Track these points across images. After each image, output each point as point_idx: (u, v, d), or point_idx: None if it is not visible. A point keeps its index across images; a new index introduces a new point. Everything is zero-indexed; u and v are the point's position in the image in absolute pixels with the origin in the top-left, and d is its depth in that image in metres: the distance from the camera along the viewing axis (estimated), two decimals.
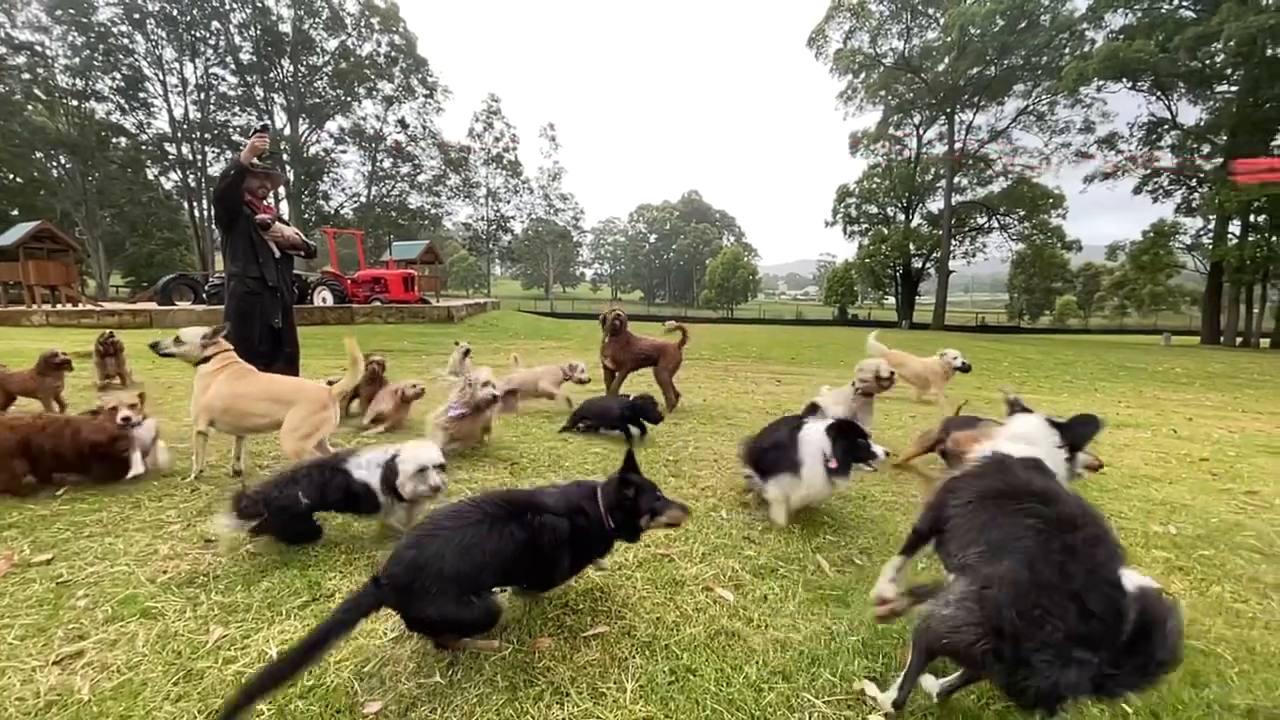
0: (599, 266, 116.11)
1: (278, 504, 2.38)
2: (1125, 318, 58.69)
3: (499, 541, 1.72)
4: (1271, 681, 1.80)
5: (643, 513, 1.98)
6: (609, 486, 1.99)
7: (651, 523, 2.00)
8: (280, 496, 2.40)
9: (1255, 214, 25.47)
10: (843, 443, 2.75)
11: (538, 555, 1.81)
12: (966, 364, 6.74)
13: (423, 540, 1.68)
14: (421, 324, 17.44)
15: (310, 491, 2.44)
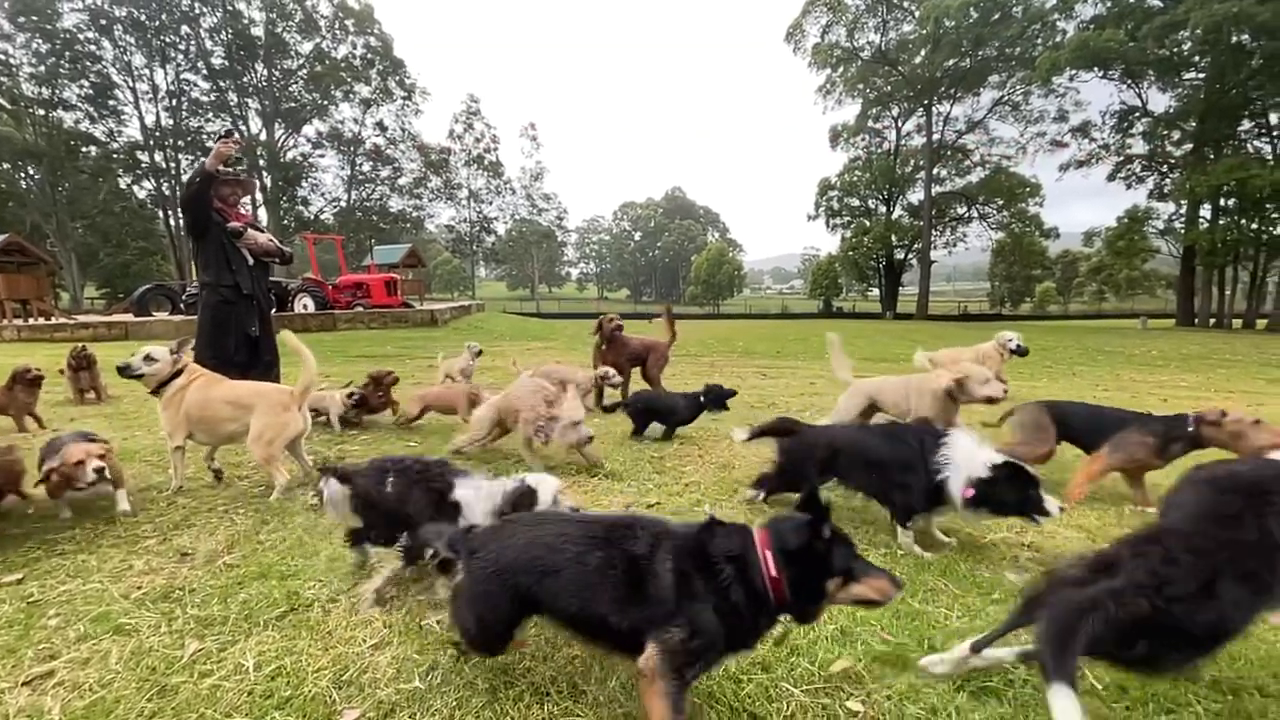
0: (584, 266, 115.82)
1: (362, 487, 2.29)
2: (1103, 303, 59.74)
3: (584, 568, 1.43)
4: (1239, 653, 1.84)
5: (834, 574, 1.39)
6: (785, 531, 1.42)
7: (843, 592, 1.40)
8: (366, 481, 2.29)
9: (1225, 198, 26.05)
10: (1008, 487, 2.23)
11: (636, 607, 1.38)
12: (1023, 347, 6.19)
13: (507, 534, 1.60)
14: (405, 328, 17.29)
15: (399, 486, 2.26)
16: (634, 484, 3.56)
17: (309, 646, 1.81)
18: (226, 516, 2.98)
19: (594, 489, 3.48)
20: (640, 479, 3.67)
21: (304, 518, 2.96)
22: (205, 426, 3.36)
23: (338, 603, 2.10)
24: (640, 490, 3.44)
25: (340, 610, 2.04)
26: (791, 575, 1.37)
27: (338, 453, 4.30)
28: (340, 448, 4.44)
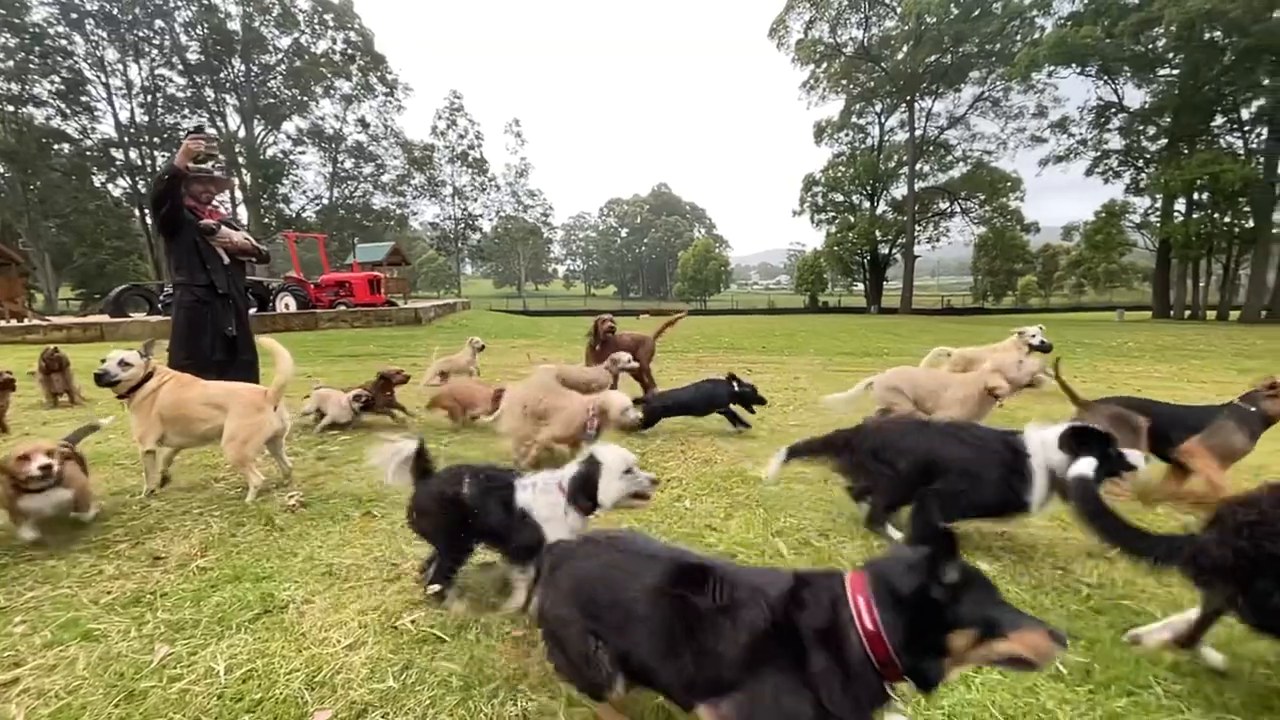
0: (571, 263, 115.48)
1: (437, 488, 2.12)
2: (1083, 295, 60.79)
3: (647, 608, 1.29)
4: None
5: (963, 626, 1.07)
6: (891, 572, 1.12)
7: (979, 650, 1.08)
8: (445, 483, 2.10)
9: (1199, 192, 26.59)
10: (1089, 455, 2.10)
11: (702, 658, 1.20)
12: (1046, 342, 5.94)
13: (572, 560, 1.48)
14: (389, 327, 17.13)
15: (474, 489, 2.06)
16: None
17: (282, 648, 1.80)
18: (201, 519, 2.94)
19: None
20: None
21: (282, 519, 2.93)
22: (179, 428, 3.31)
23: (313, 603, 2.08)
24: None
25: (315, 611, 2.03)
26: (900, 630, 1.06)
27: (318, 453, 4.26)
28: (320, 448, 4.40)
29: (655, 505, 3.13)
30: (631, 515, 2.94)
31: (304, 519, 2.92)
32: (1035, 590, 2.17)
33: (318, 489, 3.42)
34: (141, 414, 3.26)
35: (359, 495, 3.28)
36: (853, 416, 3.86)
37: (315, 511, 3.02)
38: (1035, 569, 2.35)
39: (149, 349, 3.34)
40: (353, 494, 3.31)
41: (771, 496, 3.22)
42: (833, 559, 2.42)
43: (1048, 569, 2.35)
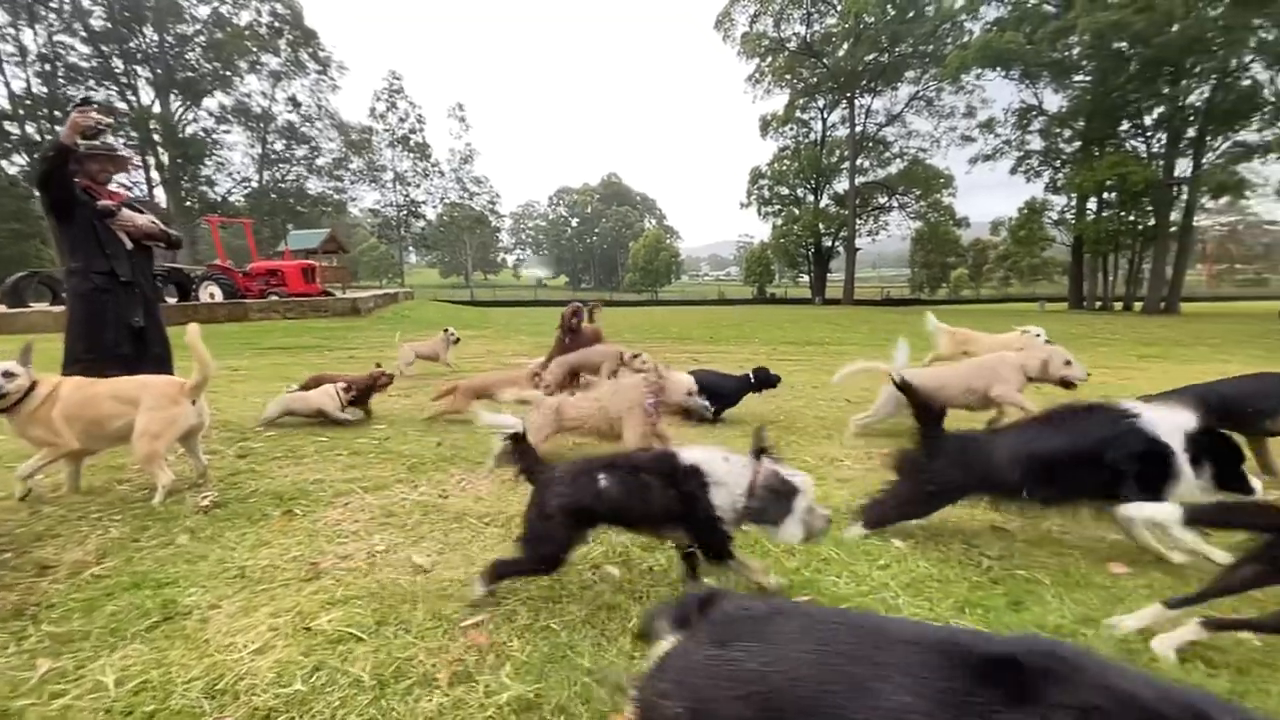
0: (520, 252, 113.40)
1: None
2: (1009, 287, 64.59)
3: None
4: (1079, 599, 2.07)
5: None
6: None
7: None
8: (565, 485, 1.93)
9: (1108, 192, 28.71)
10: (1211, 461, 2.10)
11: None
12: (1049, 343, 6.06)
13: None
14: (325, 318, 16.37)
15: (620, 481, 1.87)
16: None
17: (182, 657, 1.70)
18: (100, 524, 2.73)
19: (509, 476, 3.44)
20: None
21: (193, 520, 2.76)
22: (89, 429, 3.06)
23: (220, 609, 1.98)
24: None
25: (222, 616, 1.93)
26: None
27: (239, 450, 4.03)
28: (242, 444, 4.16)
29: None
30: None
31: (217, 520, 2.76)
32: (942, 564, 2.31)
33: (235, 488, 3.25)
34: (39, 427, 2.98)
35: (281, 493, 3.13)
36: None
37: (231, 512, 2.87)
38: (944, 544, 2.50)
39: (27, 355, 3.04)
40: (274, 492, 3.15)
41: None
42: (758, 543, 2.49)
43: (956, 544, 2.50)
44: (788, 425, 4.87)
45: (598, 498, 1.89)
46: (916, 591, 2.10)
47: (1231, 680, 1.62)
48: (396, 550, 2.45)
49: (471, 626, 1.85)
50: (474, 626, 1.85)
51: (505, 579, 2.00)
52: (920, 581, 2.16)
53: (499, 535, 2.59)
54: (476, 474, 3.53)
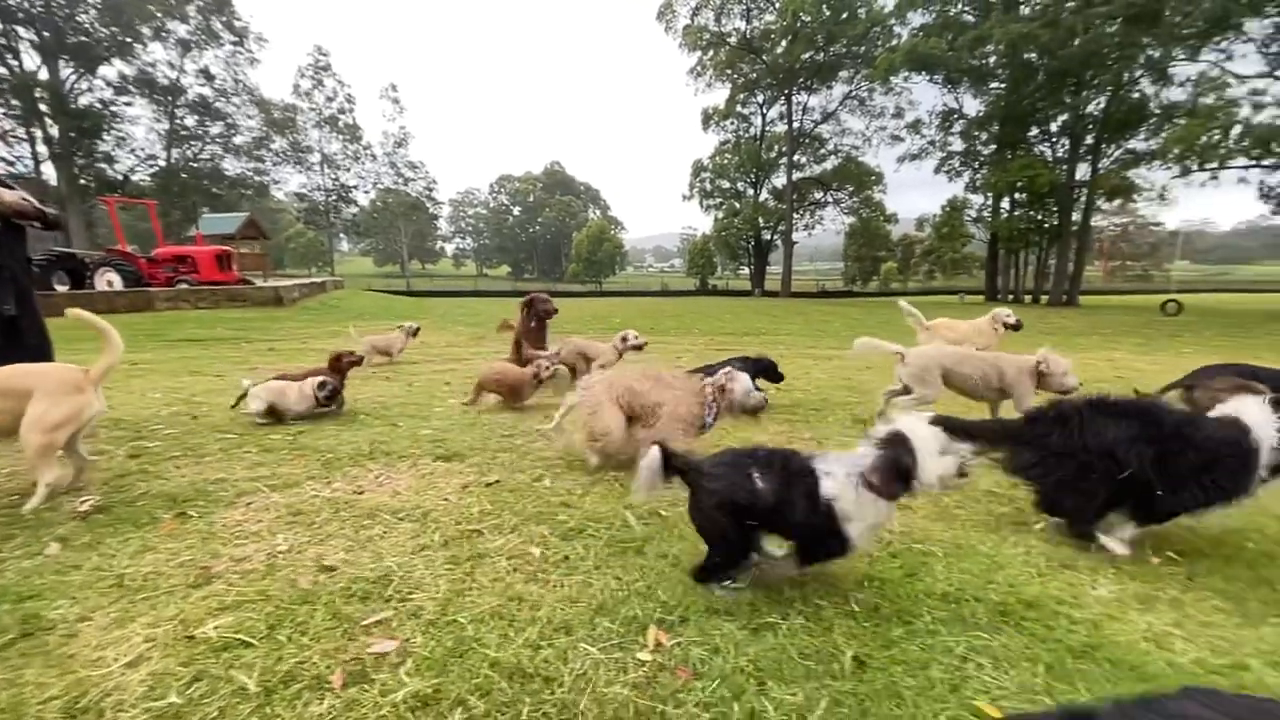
0: (460, 241, 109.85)
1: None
2: (934, 281, 68.43)
3: None
4: (968, 569, 2.22)
5: None
6: None
7: None
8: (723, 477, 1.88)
9: (1019, 192, 30.86)
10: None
11: None
12: (1018, 322, 6.40)
13: None
14: (242, 308, 15.31)
15: (772, 483, 1.84)
16: (476, 463, 3.48)
17: (39, 676, 1.55)
18: None
19: (431, 471, 3.35)
20: (484, 457, 3.60)
21: (67, 528, 2.52)
22: None
23: (91, 621, 1.82)
24: (481, 470, 3.36)
25: (92, 629, 1.77)
26: None
27: (131, 449, 3.71)
28: (136, 443, 3.84)
29: (514, 486, 3.09)
30: (482, 496, 2.89)
31: (97, 526, 2.54)
32: None
33: (122, 491, 2.99)
34: None
35: (175, 495, 2.91)
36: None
37: (114, 517, 2.64)
38: None
39: None
40: (167, 494, 2.93)
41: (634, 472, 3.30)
42: (677, 526, 2.54)
43: None
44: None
45: (753, 496, 1.87)
46: (820, 567, 2.19)
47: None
48: (301, 550, 2.33)
49: (374, 625, 1.79)
50: (376, 625, 1.79)
51: (712, 581, 2.00)
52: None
53: (412, 530, 2.51)
54: (397, 469, 3.41)
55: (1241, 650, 1.71)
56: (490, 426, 4.37)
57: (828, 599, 1.97)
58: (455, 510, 2.73)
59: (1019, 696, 1.52)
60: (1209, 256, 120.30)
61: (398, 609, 1.88)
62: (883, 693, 1.53)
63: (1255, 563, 2.31)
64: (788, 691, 1.52)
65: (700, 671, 1.59)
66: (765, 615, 1.87)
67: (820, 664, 1.63)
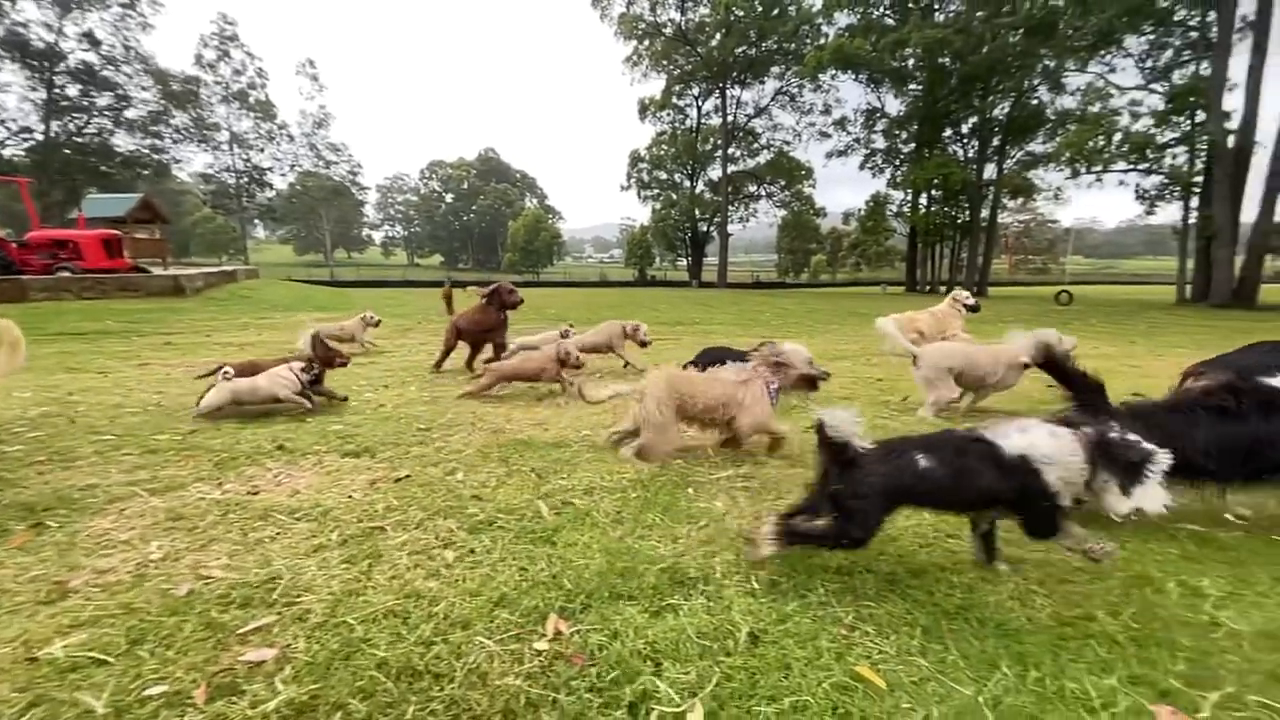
0: (390, 229, 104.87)
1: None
2: (860, 273, 71.82)
3: None
4: None
5: None
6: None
7: None
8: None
9: (935, 189, 32.83)
10: None
11: None
12: (975, 304, 6.88)
13: None
14: (136, 299, 13.97)
15: (941, 462, 1.86)
16: (388, 459, 3.33)
17: None
18: None
19: (338, 468, 3.18)
20: (397, 453, 3.45)
21: None
22: None
23: None
24: (392, 465, 3.22)
25: None
26: None
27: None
28: None
29: (425, 481, 2.98)
30: (389, 492, 2.77)
31: None
32: (755, 520, 2.50)
33: None
34: None
35: (33, 504, 2.61)
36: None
37: None
38: (759, 501, 2.71)
39: None
40: (24, 504, 2.63)
41: (551, 463, 3.27)
42: (590, 515, 2.53)
43: (769, 500, 2.72)
44: None
45: (919, 479, 1.89)
46: (729, 549, 2.25)
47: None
48: (178, 558, 2.15)
49: (252, 633, 1.68)
50: (255, 633, 1.68)
51: (803, 544, 2.01)
52: (732, 540, 2.32)
53: (309, 530, 2.37)
54: (299, 466, 3.22)
55: (1090, 603, 1.89)
56: (406, 420, 4.20)
57: (730, 579, 2.02)
58: (358, 508, 2.61)
59: (896, 659, 1.61)
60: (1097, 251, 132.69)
61: (281, 614, 1.77)
62: (773, 665, 1.58)
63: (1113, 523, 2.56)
64: (681, 671, 1.54)
65: (596, 657, 1.59)
66: (668, 597, 1.90)
67: (716, 642, 1.67)
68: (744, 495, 2.80)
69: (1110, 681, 1.51)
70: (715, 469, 3.17)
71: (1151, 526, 2.46)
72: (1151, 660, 1.60)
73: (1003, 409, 4.52)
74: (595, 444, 3.64)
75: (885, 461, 1.92)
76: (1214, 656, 1.63)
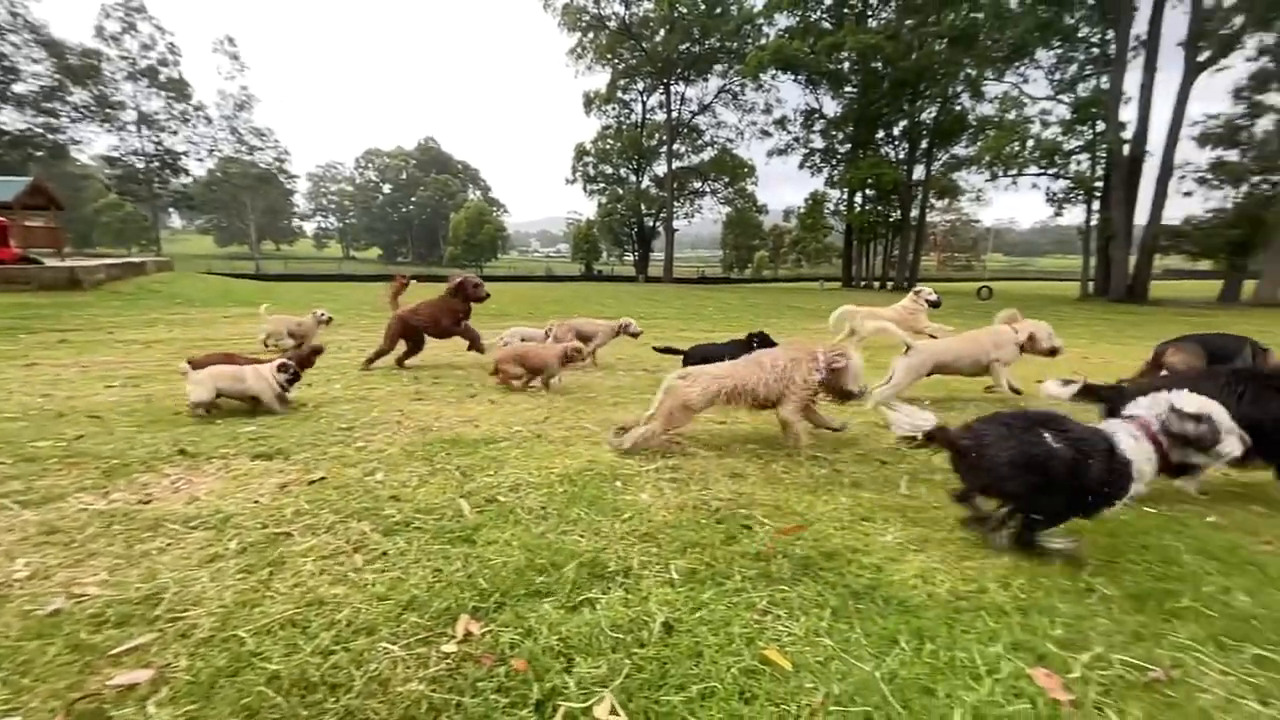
0: (323, 219, 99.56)
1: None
2: (801, 269, 74.14)
3: None
4: (780, 527, 2.40)
5: None
6: None
7: None
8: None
9: (869, 189, 34.26)
10: None
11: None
12: (937, 299, 7.13)
13: None
14: (25, 293, 12.69)
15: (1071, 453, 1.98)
16: (303, 460, 3.16)
17: None
18: None
19: (246, 471, 2.98)
20: (314, 453, 3.28)
21: None
22: None
23: None
24: (307, 467, 3.05)
25: None
26: None
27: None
28: None
29: (341, 482, 2.84)
30: (300, 496, 2.62)
31: None
32: (679, 511, 2.52)
33: None
34: None
35: None
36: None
37: None
38: (683, 491, 2.74)
39: None
40: None
41: (479, 461, 3.18)
42: (513, 511, 2.48)
43: (694, 490, 2.76)
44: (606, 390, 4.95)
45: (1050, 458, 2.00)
46: (650, 540, 2.26)
47: None
48: (48, 575, 1.95)
49: (126, 654, 1.54)
50: (129, 653, 1.54)
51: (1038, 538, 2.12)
52: (656, 531, 2.33)
53: (205, 540, 2.21)
54: (202, 471, 3.00)
55: (984, 578, 2.01)
56: (328, 420, 4.00)
57: (650, 570, 2.03)
58: (264, 513, 2.45)
59: (804, 640, 1.66)
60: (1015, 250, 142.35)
61: (163, 632, 1.64)
62: (685, 653, 1.59)
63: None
64: (593, 665, 1.53)
65: (506, 656, 1.56)
66: (587, 591, 1.88)
67: (630, 633, 1.67)
68: (670, 486, 2.82)
69: (996, 649, 1.61)
70: (645, 461, 3.18)
71: None
72: (1033, 627, 1.72)
73: (970, 394, 4.77)
74: (526, 439, 3.59)
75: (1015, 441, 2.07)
76: (1087, 620, 1.76)
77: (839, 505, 2.64)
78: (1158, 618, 1.78)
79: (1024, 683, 1.49)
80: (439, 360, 6.77)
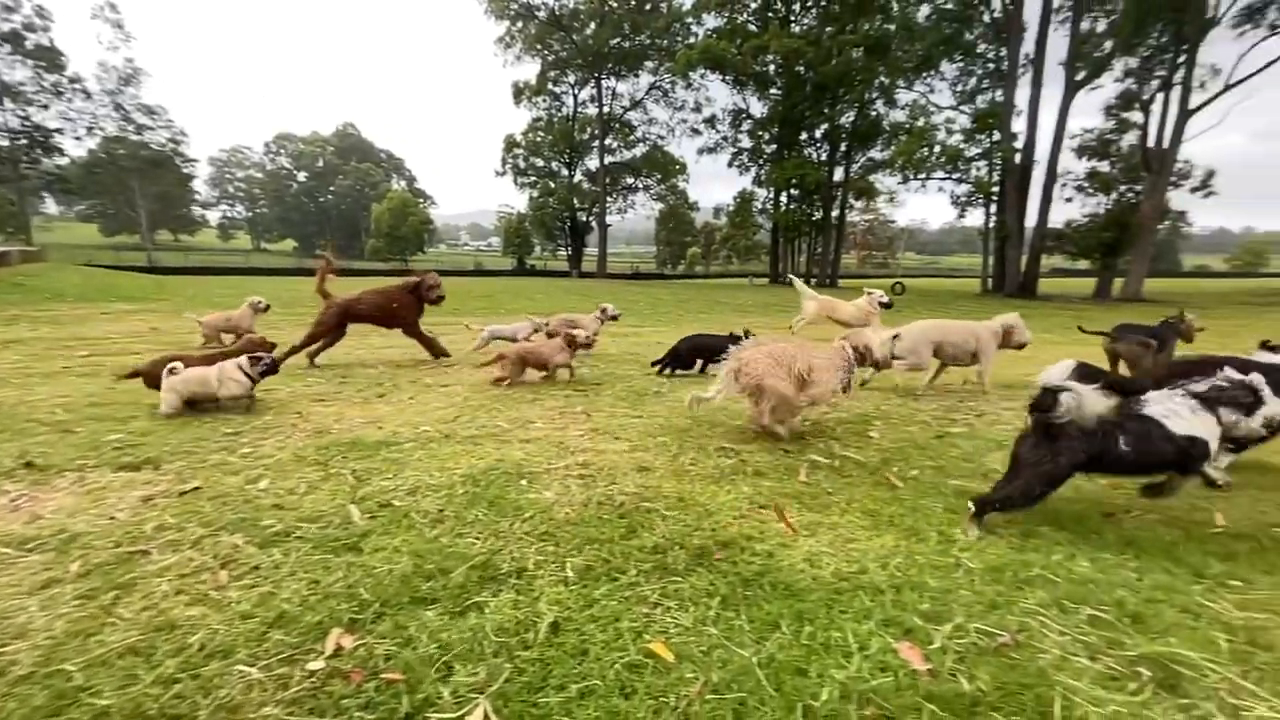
0: (229, 208, 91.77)
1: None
2: (731, 265, 75.93)
3: None
4: (683, 519, 2.42)
5: None
6: None
7: None
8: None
9: (794, 188, 35.51)
10: None
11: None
12: (889, 301, 7.37)
13: None
14: None
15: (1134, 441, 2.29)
16: (176, 470, 2.89)
17: None
18: None
19: (105, 484, 2.69)
20: (190, 462, 3.01)
21: None
22: None
23: None
24: (180, 477, 2.79)
25: None
26: None
27: None
28: None
29: (218, 492, 2.62)
30: (166, 509, 2.39)
31: None
32: (583, 507, 2.51)
33: None
34: None
35: None
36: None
37: None
38: (589, 487, 2.72)
39: None
40: None
41: (377, 464, 3.03)
42: (408, 515, 2.37)
43: (600, 486, 2.74)
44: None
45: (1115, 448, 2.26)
46: (549, 539, 2.22)
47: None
48: None
49: None
50: None
51: (996, 511, 2.35)
52: (556, 529, 2.30)
53: (41, 564, 1.97)
54: (52, 486, 2.68)
55: (866, 559, 2.11)
56: (213, 424, 3.69)
57: (545, 569, 2.00)
58: (119, 530, 2.22)
59: (691, 630, 1.68)
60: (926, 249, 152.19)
61: None
62: (570, 652, 1.57)
63: (905, 481, 2.91)
64: (471, 672, 1.48)
65: (378, 670, 1.48)
66: (475, 595, 1.83)
67: (515, 636, 1.63)
68: (578, 483, 2.80)
69: (868, 626, 1.70)
70: (554, 459, 3.13)
71: (925, 487, 2.84)
72: (904, 603, 1.83)
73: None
74: (432, 440, 3.45)
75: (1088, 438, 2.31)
76: (952, 593, 1.89)
77: (740, 495, 2.70)
78: (1012, 587, 1.94)
79: (890, 657, 1.57)
80: (350, 359, 6.42)
